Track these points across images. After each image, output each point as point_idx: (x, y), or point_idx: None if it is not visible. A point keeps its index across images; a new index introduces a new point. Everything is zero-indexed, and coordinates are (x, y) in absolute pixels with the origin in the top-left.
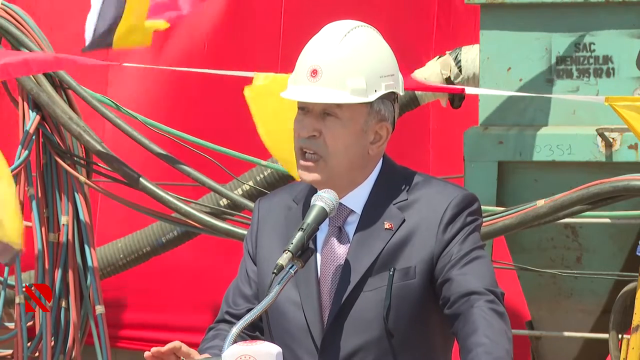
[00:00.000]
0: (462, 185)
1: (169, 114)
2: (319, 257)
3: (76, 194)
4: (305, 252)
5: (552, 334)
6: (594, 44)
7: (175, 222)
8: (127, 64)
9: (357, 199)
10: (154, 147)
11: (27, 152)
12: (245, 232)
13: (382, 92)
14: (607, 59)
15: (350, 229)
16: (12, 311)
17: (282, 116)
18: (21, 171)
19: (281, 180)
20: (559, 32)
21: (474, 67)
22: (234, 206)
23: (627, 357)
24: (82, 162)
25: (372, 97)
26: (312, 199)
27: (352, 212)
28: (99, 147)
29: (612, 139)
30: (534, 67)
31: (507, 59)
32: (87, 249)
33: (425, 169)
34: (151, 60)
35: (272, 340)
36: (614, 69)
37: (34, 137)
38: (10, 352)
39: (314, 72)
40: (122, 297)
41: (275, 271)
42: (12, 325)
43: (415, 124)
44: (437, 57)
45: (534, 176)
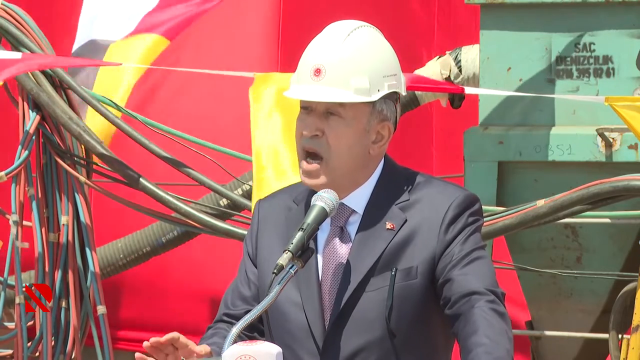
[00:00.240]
0: (462, 185)
1: (169, 114)
2: (320, 257)
3: (76, 194)
4: (305, 252)
5: (552, 334)
6: (594, 44)
7: (175, 222)
8: (126, 64)
9: (358, 199)
10: (154, 147)
11: (27, 152)
12: (245, 232)
13: (385, 91)
14: (607, 59)
15: (352, 229)
16: (12, 311)
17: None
18: (21, 171)
19: None
20: (559, 32)
21: (474, 67)
22: (234, 206)
23: (627, 357)
24: (82, 162)
25: (375, 97)
26: (312, 199)
27: (353, 212)
28: (99, 147)
29: (612, 139)
30: (534, 67)
31: (507, 59)
32: (87, 249)
33: (428, 169)
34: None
35: (272, 340)
36: (614, 69)
37: (34, 137)
38: (10, 352)
39: (318, 71)
40: (122, 297)
41: (275, 271)
42: (12, 325)
43: (418, 123)
44: (437, 57)
45: (534, 176)
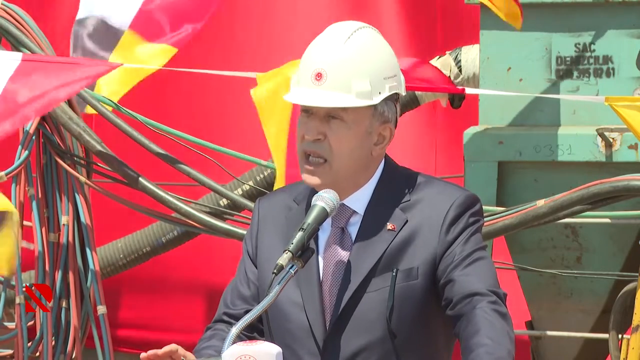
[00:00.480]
0: (462, 185)
1: (168, 114)
2: (321, 258)
3: (76, 194)
4: (305, 252)
5: (552, 334)
6: (594, 44)
7: (175, 222)
8: (127, 65)
9: (359, 200)
10: (154, 147)
11: (27, 152)
12: (245, 232)
13: (386, 93)
14: (607, 59)
15: (352, 230)
16: (12, 311)
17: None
18: (21, 171)
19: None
20: (559, 32)
21: (474, 67)
22: (234, 206)
23: (627, 357)
24: (82, 162)
25: (376, 100)
26: (313, 199)
27: (354, 213)
28: (99, 147)
29: (612, 139)
30: (534, 67)
31: (507, 59)
32: (87, 249)
33: (429, 169)
34: None
35: (273, 340)
36: (614, 69)
37: (34, 137)
38: (10, 352)
39: (319, 76)
40: (122, 297)
41: (275, 271)
42: (12, 325)
43: (421, 123)
44: (437, 57)
45: (534, 176)
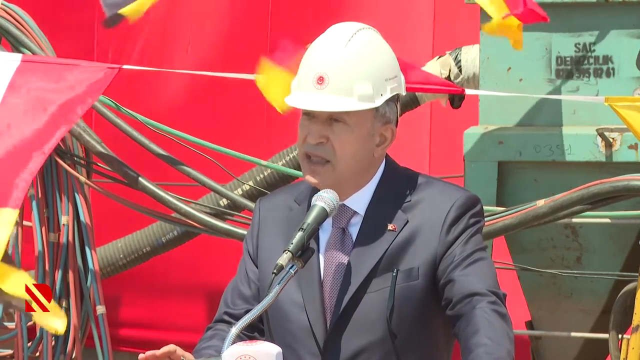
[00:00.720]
0: (462, 185)
1: (168, 114)
2: (322, 258)
3: (76, 194)
4: (305, 252)
5: (552, 334)
6: (594, 44)
7: (175, 222)
8: (126, 67)
9: (360, 201)
10: (154, 147)
11: None
12: (245, 232)
13: (387, 95)
14: (607, 59)
15: (353, 231)
16: (12, 311)
17: None
18: None
19: (281, 180)
20: (559, 32)
21: (474, 67)
22: (234, 206)
23: (627, 357)
24: (82, 162)
25: (378, 102)
26: (313, 199)
27: (355, 213)
28: (99, 147)
29: (612, 139)
30: (534, 67)
31: (507, 59)
32: (87, 249)
33: (423, 169)
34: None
35: (273, 340)
36: (614, 69)
37: None
38: (10, 352)
39: (321, 79)
40: (122, 297)
41: (275, 271)
42: (12, 325)
43: (414, 123)
44: (437, 57)
45: (534, 176)
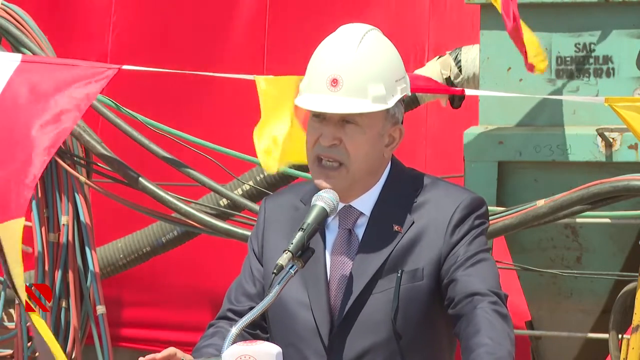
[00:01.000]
0: (462, 185)
1: (168, 114)
2: (328, 258)
3: (76, 194)
4: (305, 252)
5: (552, 334)
6: (594, 44)
7: (175, 222)
8: (126, 67)
9: (366, 201)
10: (154, 147)
11: None
12: (245, 232)
13: (398, 96)
14: (607, 59)
15: (359, 231)
16: (12, 311)
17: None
18: None
19: (281, 180)
20: (559, 32)
21: (474, 67)
22: (234, 206)
23: (627, 357)
24: (82, 162)
25: (391, 103)
26: (313, 199)
27: (361, 214)
28: (99, 147)
29: (612, 139)
30: None
31: (507, 59)
32: (87, 249)
33: (422, 169)
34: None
35: (278, 340)
36: (614, 69)
37: None
38: (10, 352)
39: (335, 82)
40: (122, 297)
41: (275, 271)
42: (12, 325)
43: (411, 123)
44: (437, 57)
45: (534, 176)
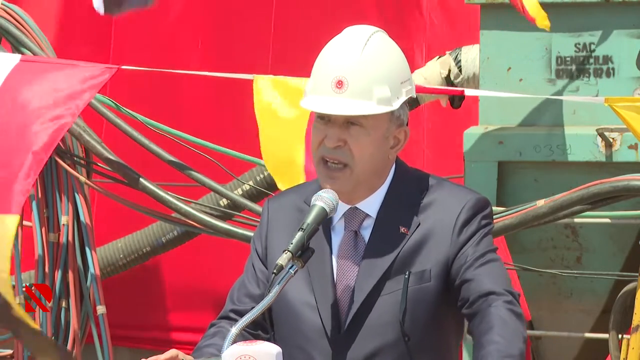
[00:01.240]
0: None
1: (168, 114)
2: (334, 261)
3: (76, 194)
4: (305, 252)
5: (552, 334)
6: (594, 44)
7: (175, 222)
8: (125, 67)
9: (372, 203)
10: (154, 147)
11: None
12: (245, 232)
13: (403, 98)
14: (607, 59)
15: (365, 233)
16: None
17: (282, 124)
18: None
19: None
20: (559, 32)
21: (474, 67)
22: (234, 206)
23: (627, 357)
24: (82, 162)
25: (396, 105)
26: (312, 199)
27: (367, 216)
28: (99, 147)
29: (612, 139)
30: (534, 67)
31: (507, 59)
32: (87, 249)
33: (422, 169)
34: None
35: (285, 342)
36: (614, 69)
37: None
38: (10, 352)
39: (340, 84)
40: (122, 297)
41: (275, 271)
42: None
43: (411, 123)
44: (437, 57)
45: (534, 176)
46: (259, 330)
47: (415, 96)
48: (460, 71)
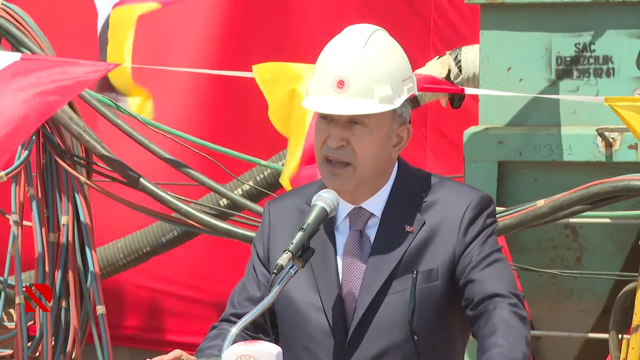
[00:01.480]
0: None
1: (170, 115)
2: (340, 261)
3: (76, 194)
4: (305, 252)
5: (552, 334)
6: (594, 44)
7: (175, 222)
8: (125, 65)
9: (376, 203)
10: (154, 147)
11: (27, 152)
12: (245, 232)
13: (405, 96)
14: (607, 59)
15: (371, 233)
16: (12, 311)
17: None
18: (21, 171)
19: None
20: (559, 32)
21: (474, 67)
22: (234, 206)
23: (627, 357)
24: (82, 162)
25: (397, 103)
26: (313, 199)
27: (372, 215)
28: (99, 147)
29: (612, 139)
30: (534, 67)
31: (507, 59)
32: (87, 249)
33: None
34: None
35: (291, 344)
36: (614, 69)
37: (33, 137)
38: (10, 352)
39: (341, 83)
40: (122, 297)
41: (275, 271)
42: (12, 325)
43: (413, 123)
44: (437, 57)
45: (534, 176)
46: (260, 332)
47: (417, 93)
48: (460, 71)
